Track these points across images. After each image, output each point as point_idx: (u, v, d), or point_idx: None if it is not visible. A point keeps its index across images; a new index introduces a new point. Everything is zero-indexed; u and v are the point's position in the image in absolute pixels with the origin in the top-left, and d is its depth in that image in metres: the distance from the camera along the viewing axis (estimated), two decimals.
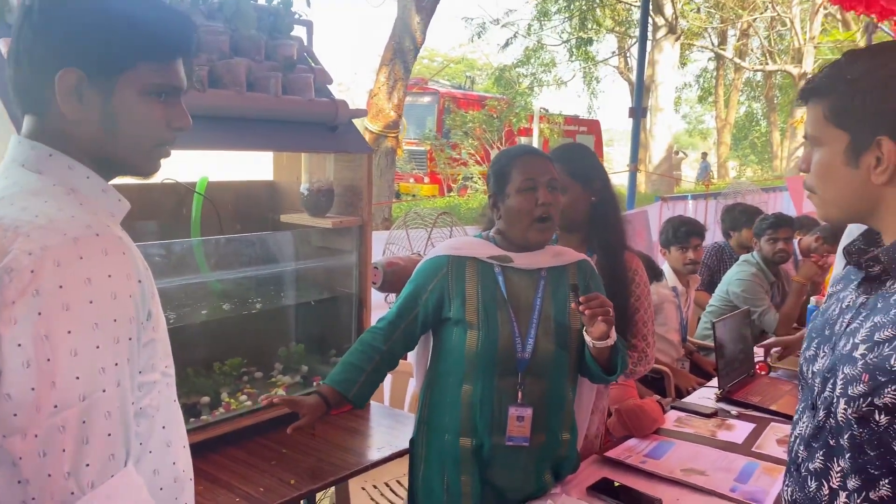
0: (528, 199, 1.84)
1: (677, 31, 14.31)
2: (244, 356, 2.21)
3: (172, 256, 2.00)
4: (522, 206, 1.85)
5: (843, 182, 1.11)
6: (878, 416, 1.03)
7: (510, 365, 1.84)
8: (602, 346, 1.82)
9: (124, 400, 0.99)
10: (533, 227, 1.85)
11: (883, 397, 1.02)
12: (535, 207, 1.84)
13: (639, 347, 2.25)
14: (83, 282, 0.95)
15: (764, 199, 6.87)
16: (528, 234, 1.87)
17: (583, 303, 1.75)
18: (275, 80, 2.00)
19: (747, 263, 4.06)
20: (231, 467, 1.87)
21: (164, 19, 1.09)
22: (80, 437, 0.93)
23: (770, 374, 3.13)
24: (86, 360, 0.94)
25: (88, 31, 1.04)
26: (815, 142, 1.14)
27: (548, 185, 1.86)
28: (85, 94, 1.04)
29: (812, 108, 1.13)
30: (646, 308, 2.26)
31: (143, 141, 1.10)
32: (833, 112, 1.09)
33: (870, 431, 1.05)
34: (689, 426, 2.55)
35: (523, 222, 1.86)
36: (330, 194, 2.28)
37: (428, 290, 1.87)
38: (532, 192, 1.85)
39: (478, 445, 1.84)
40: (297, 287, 2.32)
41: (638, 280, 2.26)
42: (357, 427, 2.19)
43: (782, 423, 2.59)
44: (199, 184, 2.24)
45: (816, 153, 1.14)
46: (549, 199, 1.85)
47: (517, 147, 2.07)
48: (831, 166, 1.11)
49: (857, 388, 1.05)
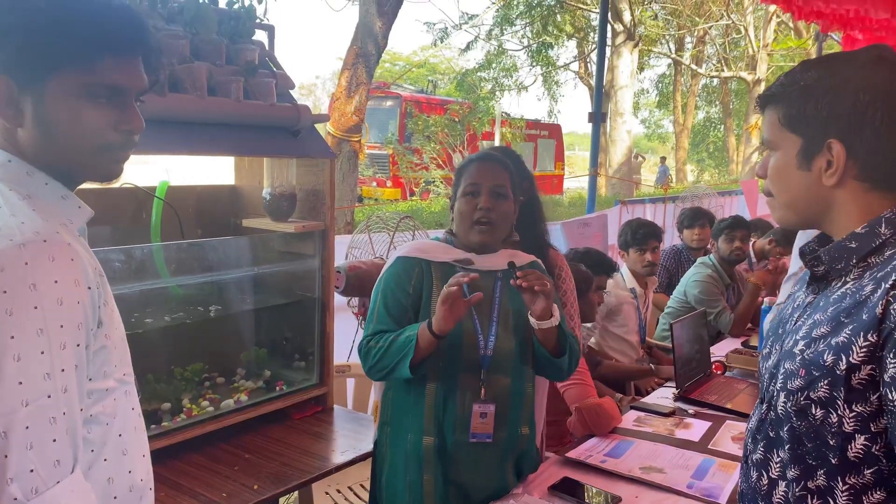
0: (470, 203, 1.91)
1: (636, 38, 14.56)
2: (206, 362, 2.20)
3: (132, 262, 1.98)
4: (463, 209, 1.92)
5: (796, 185, 1.16)
6: (814, 410, 1.08)
7: (473, 362, 1.87)
8: (545, 325, 1.86)
9: (71, 406, 0.98)
10: (473, 229, 1.91)
11: (817, 391, 1.07)
12: (475, 211, 1.90)
13: None
14: (28, 287, 0.94)
15: (720, 203, 7.02)
16: (469, 236, 1.93)
17: (520, 276, 1.79)
18: (236, 85, 1.99)
19: (704, 266, 4.16)
20: (193, 473, 1.86)
21: (92, 17, 1.03)
22: (23, 442, 0.92)
23: (726, 373, 3.21)
24: (29, 366, 0.93)
25: (9, 38, 1.00)
26: (772, 146, 1.19)
27: (490, 192, 1.91)
28: (19, 101, 1.02)
29: (769, 114, 1.18)
30: (571, 301, 2.32)
31: (82, 145, 1.05)
32: (787, 117, 1.14)
33: (807, 424, 1.10)
34: (648, 425, 2.61)
35: (465, 224, 1.92)
36: (292, 199, 2.28)
37: (409, 292, 1.89)
38: (474, 196, 1.91)
39: (440, 444, 1.86)
40: (259, 292, 2.31)
41: (563, 275, 2.32)
42: (321, 431, 2.19)
43: (737, 421, 2.66)
44: (158, 188, 2.22)
45: (773, 158, 1.19)
46: (487, 205, 1.90)
47: (480, 152, 2.11)
48: (786, 170, 1.16)
49: (795, 383, 1.11)
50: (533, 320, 1.86)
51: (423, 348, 1.78)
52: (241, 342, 2.28)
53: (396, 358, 1.80)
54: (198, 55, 2.00)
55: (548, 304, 1.83)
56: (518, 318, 1.94)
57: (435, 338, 1.76)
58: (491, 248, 1.97)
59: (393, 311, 1.88)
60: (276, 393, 2.22)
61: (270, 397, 2.19)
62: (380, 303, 1.91)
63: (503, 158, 2.03)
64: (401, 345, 1.80)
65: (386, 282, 1.93)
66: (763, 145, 1.22)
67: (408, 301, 1.89)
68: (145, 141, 1.81)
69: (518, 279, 1.79)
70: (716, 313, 3.96)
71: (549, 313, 1.85)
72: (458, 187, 1.95)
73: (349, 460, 1.98)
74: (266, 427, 2.17)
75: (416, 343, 1.76)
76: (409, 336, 1.79)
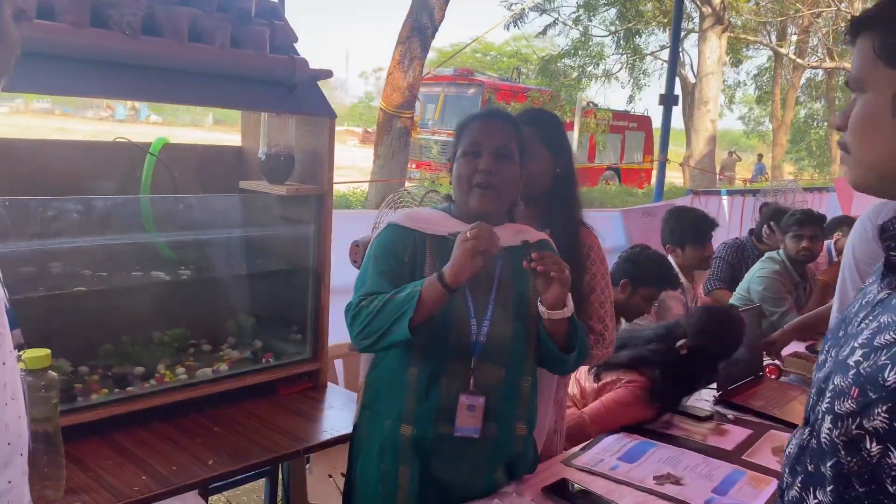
0: (469, 165, 1.69)
1: (724, 22, 13.74)
2: (190, 327, 2.09)
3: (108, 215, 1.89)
4: (462, 171, 1.71)
5: (886, 136, 0.89)
6: (868, 444, 0.81)
7: (463, 348, 1.67)
8: (557, 316, 1.65)
9: None
10: (472, 192, 1.70)
11: (874, 419, 0.80)
12: (475, 174, 1.68)
13: (596, 329, 2.04)
14: None
15: (805, 199, 6.48)
16: (468, 201, 1.71)
17: (535, 259, 1.57)
18: (222, 32, 1.86)
19: (771, 261, 3.78)
20: (152, 443, 1.74)
21: None
22: None
23: (781, 378, 2.88)
24: None
25: None
26: (860, 86, 0.92)
27: (494, 152, 1.70)
28: None
29: (861, 45, 0.91)
30: (602, 287, 2.05)
31: None
32: (885, 48, 0.88)
33: (859, 462, 0.82)
34: (679, 428, 2.35)
35: (462, 188, 1.71)
36: (290, 160, 2.13)
37: (405, 261, 1.69)
38: (474, 157, 1.70)
39: (419, 434, 1.67)
40: (250, 257, 2.19)
41: (594, 256, 2.06)
42: (306, 409, 2.04)
43: (783, 431, 2.35)
44: (153, 145, 2.12)
45: (859, 102, 0.92)
46: (490, 167, 1.69)
47: (483, 109, 1.89)
48: (875, 117, 0.90)
49: (846, 405, 0.84)
50: (543, 309, 1.64)
51: (429, 304, 1.55)
52: (228, 309, 2.15)
53: (393, 317, 1.57)
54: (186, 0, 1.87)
55: (563, 293, 1.61)
56: (520, 303, 1.72)
57: (447, 290, 1.54)
58: (492, 216, 1.76)
59: (388, 275, 1.66)
60: (261, 365, 2.09)
61: (253, 369, 2.06)
62: (371, 267, 1.71)
63: (509, 116, 1.81)
64: (400, 302, 1.57)
65: (378, 246, 1.73)
66: (849, 87, 0.94)
67: (405, 270, 1.67)
68: (111, 85, 1.72)
69: (532, 261, 1.57)
70: (780, 313, 3.59)
71: (562, 302, 1.63)
72: (458, 147, 1.74)
73: (321, 442, 1.83)
74: (250, 401, 2.04)
75: (420, 298, 1.55)
76: (412, 292, 1.56)
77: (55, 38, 1.58)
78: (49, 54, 1.59)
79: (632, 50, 17.47)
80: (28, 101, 32.92)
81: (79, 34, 1.60)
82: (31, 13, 1.54)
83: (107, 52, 1.66)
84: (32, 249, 1.80)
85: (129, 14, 1.69)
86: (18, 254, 1.76)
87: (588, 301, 2.03)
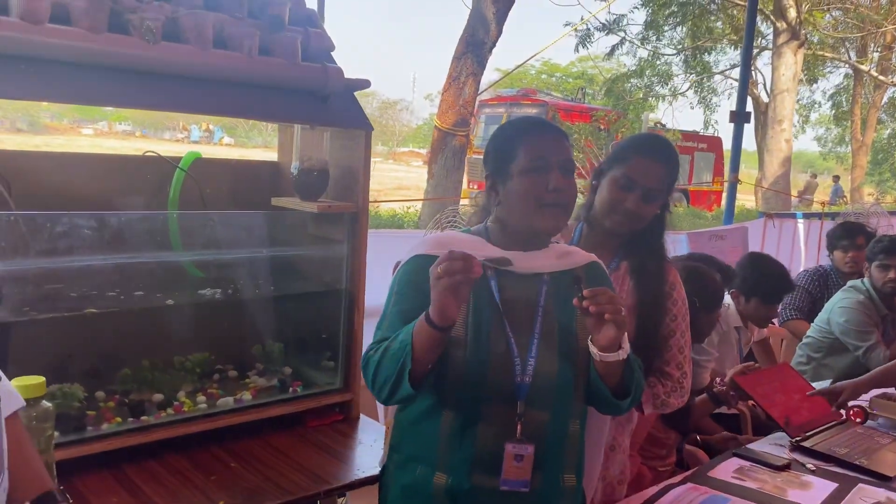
0: (537, 183, 1.49)
1: (800, 38, 13.15)
2: (214, 352, 1.97)
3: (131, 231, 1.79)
4: (529, 189, 1.49)
5: None
6: None
7: (506, 391, 1.47)
8: (611, 359, 1.44)
9: None
10: (541, 212, 1.49)
11: None
12: (545, 193, 1.49)
13: (674, 376, 1.83)
14: None
15: (891, 224, 6.02)
16: (535, 219, 1.50)
17: (587, 297, 1.37)
18: (249, 39, 1.74)
19: (855, 290, 3.45)
20: (163, 478, 1.61)
21: None
22: None
23: (867, 422, 2.57)
24: None
25: None
26: None
27: (561, 168, 1.50)
28: None
29: None
30: (683, 330, 1.84)
31: None
32: None
33: None
34: (752, 479, 2.09)
35: (527, 207, 1.50)
36: (324, 175, 2.00)
37: None
38: (542, 173, 1.49)
39: (455, 485, 1.48)
40: (279, 278, 2.05)
41: (675, 296, 1.85)
42: (333, 445, 1.88)
43: (873, 486, 2.07)
44: (184, 159, 2.02)
45: None
46: (561, 185, 1.49)
47: (524, 118, 1.69)
48: None
49: None
50: (594, 350, 1.44)
51: (426, 349, 1.37)
52: (256, 333, 2.02)
53: (394, 370, 1.39)
54: (214, 6, 1.77)
55: (618, 335, 1.41)
56: (566, 336, 1.51)
57: (437, 331, 1.35)
58: (556, 233, 1.58)
59: (409, 314, 1.45)
60: (287, 395, 1.94)
61: (279, 399, 1.92)
62: (393, 305, 1.52)
63: (559, 128, 1.63)
64: (395, 353, 1.40)
65: (400, 282, 1.54)
66: None
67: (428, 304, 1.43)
68: (129, 93, 1.61)
69: (584, 299, 1.37)
70: (865, 348, 3.25)
71: (616, 344, 1.43)
72: (510, 163, 1.52)
73: (344, 484, 1.66)
74: (275, 433, 1.89)
75: (413, 346, 1.36)
76: (403, 340, 1.39)
77: (69, 44, 1.49)
78: (64, 60, 1.50)
79: (701, 68, 16.96)
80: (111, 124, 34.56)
81: (94, 40, 1.51)
82: (44, 17, 1.46)
83: (125, 58, 1.56)
84: (47, 267, 1.71)
85: (150, 19, 1.59)
86: (31, 272, 1.67)
87: (667, 345, 1.84)
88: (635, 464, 2.32)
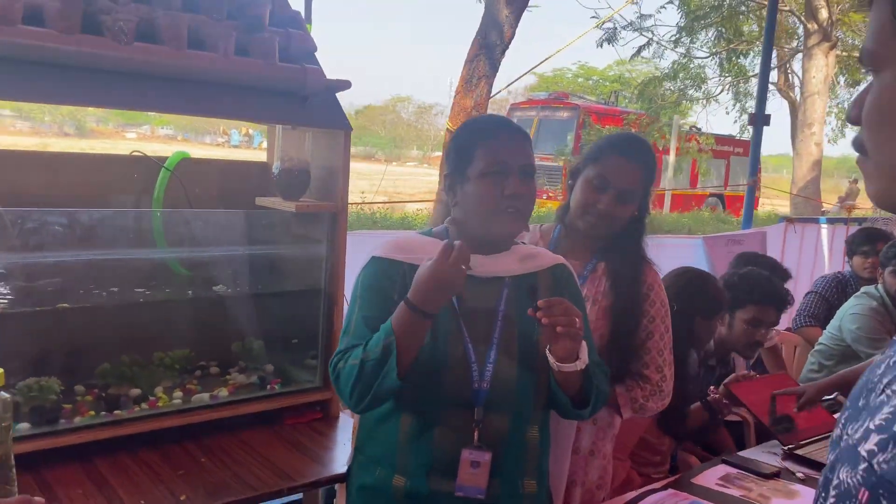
0: (493, 187, 1.46)
1: (832, 39, 12.81)
2: (195, 349, 1.99)
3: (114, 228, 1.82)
4: (485, 194, 1.47)
5: None
6: None
7: (463, 397, 1.46)
8: (568, 369, 1.42)
9: None
10: (500, 216, 1.48)
11: None
12: (501, 198, 1.46)
13: (652, 380, 1.81)
14: None
15: None
16: (490, 224, 1.49)
17: (541, 308, 1.36)
18: (225, 40, 1.77)
19: (867, 296, 3.36)
20: (131, 472, 1.64)
21: None
22: None
23: None
24: None
25: None
26: (875, 62, 0.65)
27: (520, 172, 1.48)
28: None
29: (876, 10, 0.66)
30: (661, 333, 1.81)
31: None
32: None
33: None
34: (737, 487, 2.05)
35: (485, 210, 1.48)
36: (304, 175, 2.01)
37: (394, 299, 1.44)
38: (499, 178, 1.47)
39: (413, 488, 1.47)
40: (260, 277, 2.08)
41: (654, 298, 1.82)
42: (308, 443, 1.89)
43: None
44: (170, 159, 2.06)
45: (875, 85, 0.65)
46: (520, 191, 1.47)
47: (487, 118, 1.68)
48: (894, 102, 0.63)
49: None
50: (552, 359, 1.42)
51: (408, 338, 1.36)
52: (237, 331, 2.05)
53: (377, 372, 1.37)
54: (192, 7, 1.79)
55: (574, 346, 1.40)
56: (525, 342, 1.50)
57: (422, 317, 1.35)
58: (511, 239, 1.57)
59: (373, 322, 1.45)
60: (265, 392, 1.96)
61: (255, 396, 1.94)
62: (357, 311, 1.51)
63: (523, 129, 1.61)
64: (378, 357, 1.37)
65: (362, 286, 1.52)
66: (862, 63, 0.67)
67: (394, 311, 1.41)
68: (102, 93, 1.65)
69: (538, 310, 1.36)
70: None
71: (574, 355, 1.41)
72: (468, 164, 1.49)
73: (308, 482, 1.66)
74: (251, 430, 1.91)
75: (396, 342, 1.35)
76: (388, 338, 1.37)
77: (41, 45, 1.52)
78: (35, 61, 1.54)
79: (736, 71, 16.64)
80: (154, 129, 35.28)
81: (66, 40, 1.54)
82: (17, 17, 1.50)
83: (98, 59, 1.59)
84: (30, 262, 1.75)
85: (123, 20, 1.62)
86: (14, 266, 1.72)
87: (645, 347, 1.81)
88: (625, 469, 2.29)
